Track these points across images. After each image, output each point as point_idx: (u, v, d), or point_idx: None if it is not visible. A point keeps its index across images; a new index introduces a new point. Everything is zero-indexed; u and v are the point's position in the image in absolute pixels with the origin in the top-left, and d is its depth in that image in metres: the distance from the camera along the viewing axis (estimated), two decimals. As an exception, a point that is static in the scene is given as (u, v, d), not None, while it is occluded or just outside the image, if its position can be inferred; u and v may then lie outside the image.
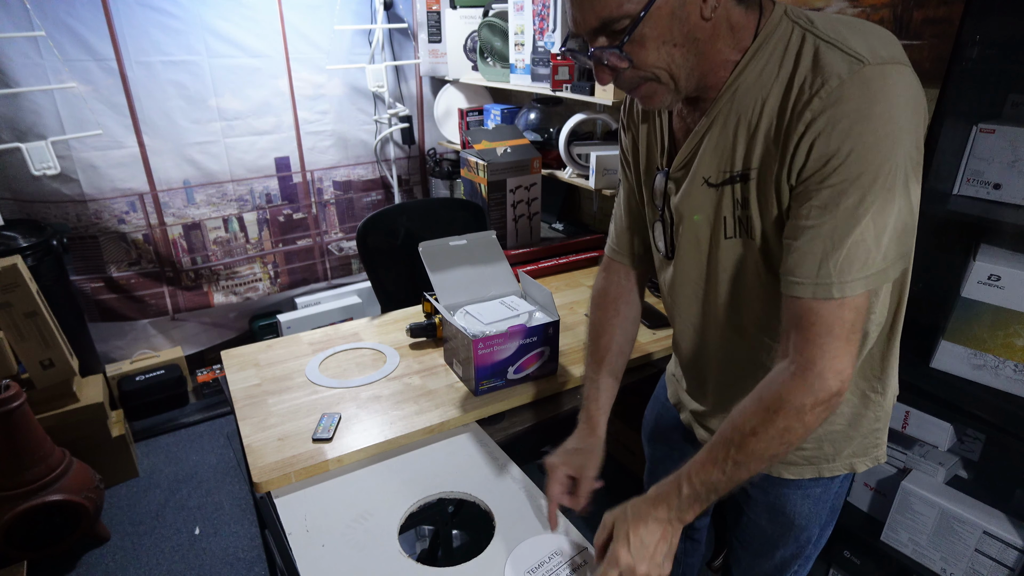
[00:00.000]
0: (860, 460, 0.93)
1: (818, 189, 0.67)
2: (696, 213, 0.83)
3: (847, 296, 0.68)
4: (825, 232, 0.67)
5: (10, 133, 2.20)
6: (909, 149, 0.66)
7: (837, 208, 0.66)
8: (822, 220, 0.67)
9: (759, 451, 0.73)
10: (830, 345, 0.69)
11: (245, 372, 1.41)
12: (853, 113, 0.64)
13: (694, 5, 0.68)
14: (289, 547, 0.94)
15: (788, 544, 1.02)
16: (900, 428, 1.33)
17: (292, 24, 2.58)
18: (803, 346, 0.71)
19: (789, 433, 0.72)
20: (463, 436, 1.21)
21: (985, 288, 1.17)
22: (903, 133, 0.64)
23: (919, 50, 1.31)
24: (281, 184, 2.79)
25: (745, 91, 0.73)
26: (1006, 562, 1.22)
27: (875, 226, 0.66)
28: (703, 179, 0.80)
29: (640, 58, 0.71)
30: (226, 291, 2.79)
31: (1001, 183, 1.15)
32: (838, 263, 0.67)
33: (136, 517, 2.15)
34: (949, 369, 1.25)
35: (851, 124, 0.64)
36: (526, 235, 2.15)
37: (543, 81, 2.05)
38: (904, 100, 0.64)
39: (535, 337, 1.29)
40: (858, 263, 0.67)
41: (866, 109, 0.63)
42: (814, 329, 0.70)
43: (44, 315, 1.95)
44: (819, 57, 0.66)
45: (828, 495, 0.97)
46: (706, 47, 0.72)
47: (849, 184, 0.65)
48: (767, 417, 0.72)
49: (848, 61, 0.64)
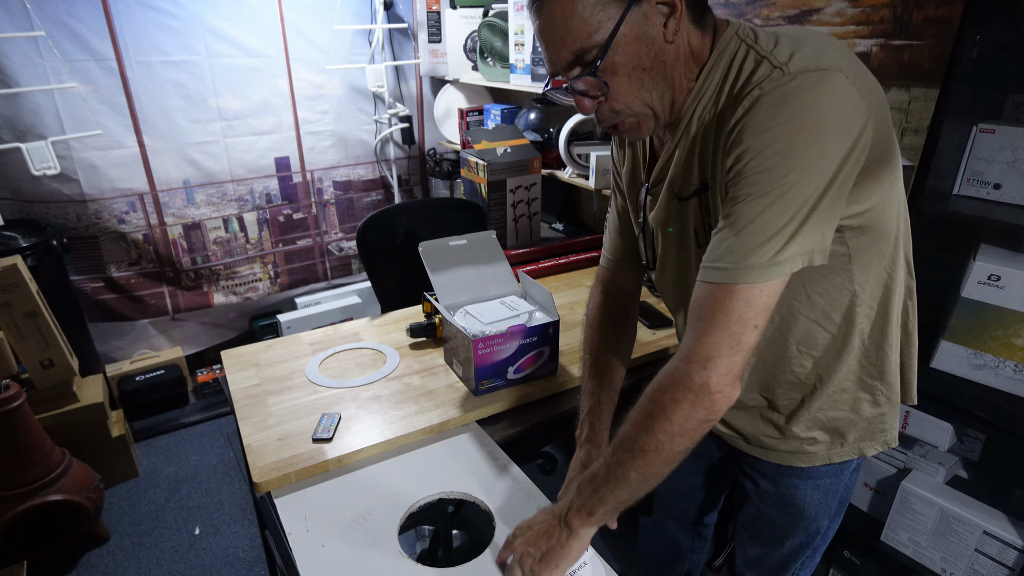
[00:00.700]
0: (868, 444, 0.94)
1: (733, 183, 0.71)
2: (670, 226, 0.87)
3: (737, 283, 0.69)
4: (731, 220, 0.70)
5: (10, 133, 2.20)
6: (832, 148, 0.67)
7: (745, 199, 0.69)
8: (732, 210, 0.70)
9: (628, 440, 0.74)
10: (706, 332, 0.70)
11: (245, 372, 1.41)
12: (763, 115, 0.67)
13: (657, 29, 0.72)
14: (289, 547, 0.94)
15: (797, 534, 1.03)
16: (900, 428, 1.33)
17: (292, 24, 2.58)
18: (687, 333, 0.72)
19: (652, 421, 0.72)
20: (463, 436, 1.21)
21: (985, 288, 1.17)
22: (822, 131, 0.66)
23: (919, 50, 1.31)
24: (281, 184, 2.79)
25: (702, 109, 0.77)
26: (1006, 562, 1.22)
27: (783, 216, 0.67)
28: (674, 194, 0.85)
29: (614, 84, 0.75)
30: (226, 291, 2.79)
31: (1001, 183, 1.15)
32: (738, 250, 0.69)
33: (136, 517, 2.15)
34: (949, 369, 1.25)
35: (762, 122, 0.67)
36: (526, 235, 2.15)
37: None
38: (824, 102, 0.66)
39: (535, 337, 1.29)
40: (756, 251, 0.68)
41: (777, 110, 0.66)
42: (698, 313, 0.71)
43: (44, 315, 1.95)
44: (753, 71, 0.70)
45: (838, 486, 0.98)
46: (672, 70, 0.76)
47: (759, 176, 0.68)
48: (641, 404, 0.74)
49: (770, 70, 0.68)
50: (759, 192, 0.68)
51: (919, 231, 0.77)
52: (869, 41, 1.38)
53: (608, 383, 1.04)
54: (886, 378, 0.90)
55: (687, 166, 0.81)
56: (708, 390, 0.70)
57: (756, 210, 0.68)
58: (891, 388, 0.91)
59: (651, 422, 0.72)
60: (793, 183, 0.66)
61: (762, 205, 0.68)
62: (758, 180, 0.68)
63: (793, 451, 0.94)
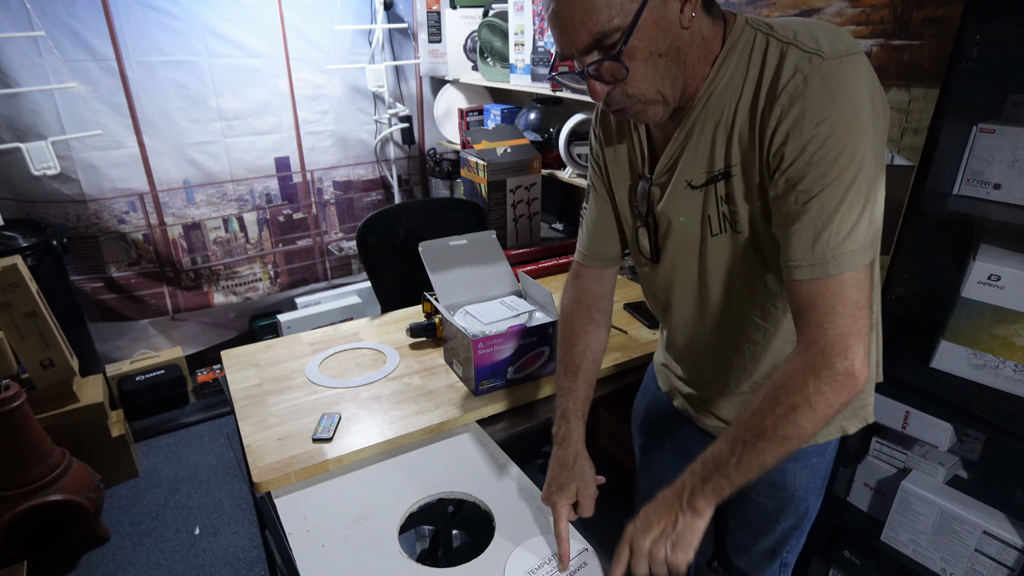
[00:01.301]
0: (850, 422, 0.97)
1: (800, 176, 0.71)
2: (682, 215, 0.87)
3: (844, 272, 0.71)
4: (813, 214, 0.71)
5: (10, 133, 2.20)
6: (875, 129, 0.70)
7: (821, 190, 0.70)
8: (808, 204, 0.71)
9: (766, 429, 0.74)
10: (833, 324, 0.71)
11: (245, 372, 1.41)
12: (819, 102, 0.69)
13: (674, 15, 0.73)
14: (289, 547, 0.94)
15: (788, 516, 1.06)
16: (900, 428, 1.33)
17: (292, 24, 2.58)
18: (807, 328, 0.73)
19: (795, 412, 0.72)
20: (463, 436, 1.21)
21: (985, 288, 1.17)
22: (867, 115, 0.69)
23: (919, 50, 1.31)
24: (281, 184, 2.79)
25: (718, 97, 0.78)
26: (1006, 562, 1.22)
27: (858, 202, 0.70)
28: (686, 182, 0.84)
29: (632, 69, 0.74)
30: (226, 291, 2.79)
31: (1001, 183, 1.15)
32: (829, 241, 0.70)
33: (136, 517, 2.15)
34: (949, 369, 1.25)
35: (819, 111, 0.69)
36: (526, 235, 2.15)
37: (543, 81, 2.05)
38: (863, 86, 0.69)
39: (535, 337, 1.29)
40: (848, 239, 0.70)
41: (830, 97, 0.68)
42: (817, 310, 0.72)
43: (44, 315, 1.95)
44: (783, 57, 0.72)
45: (823, 465, 1.02)
46: (686, 56, 0.76)
47: (829, 166, 0.69)
48: (775, 396, 0.74)
49: (808, 57, 0.70)
50: (833, 182, 0.69)
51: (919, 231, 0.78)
52: (869, 41, 1.38)
53: (585, 378, 1.03)
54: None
55: (701, 155, 0.81)
56: (853, 375, 0.71)
57: (835, 201, 0.70)
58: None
59: (794, 413, 0.72)
60: (859, 167, 0.69)
61: (839, 195, 0.70)
62: (828, 171, 0.69)
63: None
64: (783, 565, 1.17)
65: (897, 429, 1.33)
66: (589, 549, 0.94)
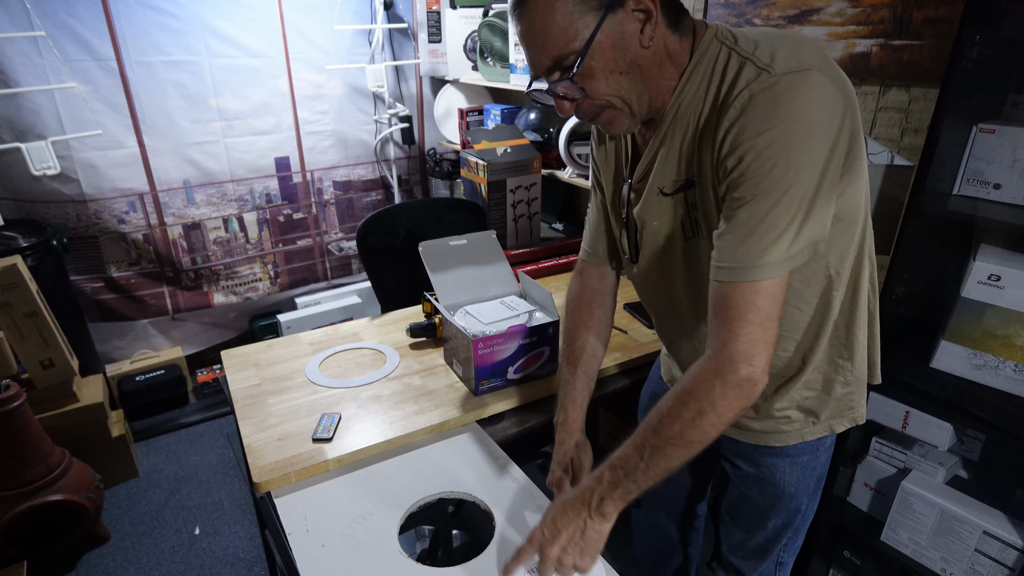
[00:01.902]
0: (838, 422, 0.99)
1: (737, 184, 0.74)
2: (655, 220, 0.91)
3: (760, 280, 0.73)
4: (741, 220, 0.74)
5: (10, 133, 2.20)
6: (823, 145, 0.71)
7: (752, 199, 0.73)
8: (739, 210, 0.74)
9: (673, 435, 0.77)
10: (743, 330, 0.74)
11: (245, 372, 1.41)
12: (760, 116, 0.71)
13: (633, 37, 0.76)
14: (289, 547, 0.95)
15: (779, 514, 1.07)
16: (900, 428, 1.33)
17: (292, 24, 2.58)
18: (718, 330, 0.76)
19: (701, 417, 0.75)
20: (463, 436, 1.21)
21: (985, 288, 1.17)
22: (814, 131, 0.71)
23: (919, 50, 1.31)
24: (281, 184, 2.79)
25: (685, 109, 0.81)
26: (1006, 562, 1.22)
27: (786, 214, 0.72)
28: (658, 189, 0.88)
29: (592, 87, 0.78)
30: (226, 291, 2.79)
31: (1001, 183, 1.15)
32: (751, 248, 0.73)
33: (136, 517, 2.15)
34: (949, 369, 1.25)
35: (760, 124, 0.71)
36: (526, 235, 2.15)
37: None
38: (811, 101, 0.70)
39: (535, 337, 1.29)
40: (770, 248, 0.72)
41: (771, 112, 0.70)
42: (728, 313, 0.75)
43: (44, 315, 1.95)
44: (739, 72, 0.74)
45: (815, 463, 1.03)
46: (649, 73, 0.79)
47: (762, 177, 0.72)
48: (682, 400, 0.77)
49: (757, 72, 0.72)
50: (764, 192, 0.72)
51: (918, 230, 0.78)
52: (869, 41, 1.38)
53: (584, 371, 1.07)
54: (855, 358, 0.94)
55: (671, 163, 0.85)
56: (754, 382, 0.75)
57: (764, 210, 0.72)
58: (859, 368, 0.96)
59: (699, 418, 0.75)
60: (792, 181, 0.71)
61: (768, 205, 0.72)
62: (761, 181, 0.72)
63: (769, 431, 0.99)
64: (779, 564, 1.17)
65: (897, 429, 1.33)
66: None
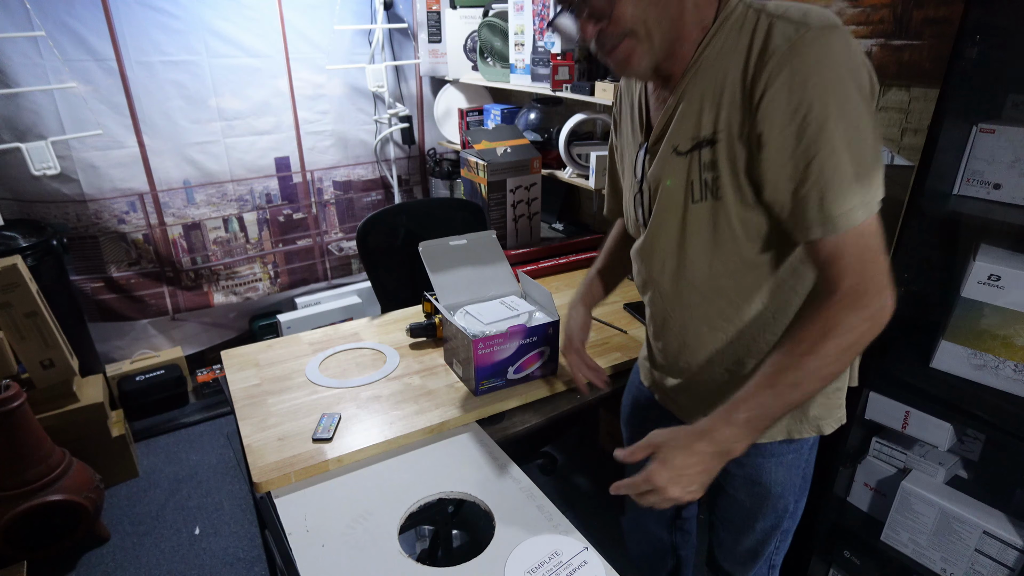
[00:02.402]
0: (825, 422, 0.99)
1: (796, 141, 0.74)
2: (668, 179, 0.90)
3: (870, 218, 0.75)
4: (814, 176, 0.74)
5: (10, 133, 2.20)
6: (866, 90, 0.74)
7: (818, 152, 0.73)
8: (809, 167, 0.74)
9: (817, 369, 0.77)
10: (865, 270, 0.75)
11: (245, 372, 1.41)
12: (807, 67, 0.72)
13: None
14: (289, 547, 0.94)
15: (767, 515, 1.07)
16: (900, 428, 1.33)
17: (292, 24, 2.58)
18: (842, 278, 0.76)
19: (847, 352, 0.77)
20: (463, 436, 1.21)
21: (985, 288, 1.17)
22: (853, 76, 0.73)
23: (919, 50, 1.31)
24: (281, 184, 2.79)
25: (708, 67, 0.82)
26: (1006, 562, 1.22)
27: (856, 157, 0.73)
28: (673, 148, 0.88)
29: (620, 8, 0.79)
30: (226, 291, 2.79)
31: (1001, 183, 1.15)
32: (836, 198, 0.74)
33: (136, 517, 2.15)
34: (949, 369, 1.25)
35: (807, 75, 0.72)
36: (526, 235, 2.15)
37: (543, 81, 2.05)
38: (852, 52, 0.73)
39: (535, 337, 1.29)
40: (852, 193, 0.73)
41: (815, 61, 0.72)
42: (845, 260, 0.76)
43: (44, 315, 1.95)
44: (771, 29, 0.75)
45: (800, 462, 1.03)
46: (678, 11, 0.80)
47: (820, 128, 0.72)
48: (824, 337, 0.76)
49: (795, 27, 0.73)
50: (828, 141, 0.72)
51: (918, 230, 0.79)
52: (869, 41, 1.38)
53: (610, 273, 1.25)
54: None
55: (689, 120, 0.85)
56: (886, 312, 0.77)
57: (835, 158, 0.73)
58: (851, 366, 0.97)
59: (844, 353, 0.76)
60: (856, 123, 0.72)
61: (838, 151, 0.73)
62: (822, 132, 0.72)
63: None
64: (771, 567, 1.17)
65: (897, 429, 1.33)
66: (589, 548, 0.94)
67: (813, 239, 0.77)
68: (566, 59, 1.94)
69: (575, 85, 1.93)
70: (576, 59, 1.96)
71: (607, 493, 0.92)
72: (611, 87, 1.77)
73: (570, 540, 0.95)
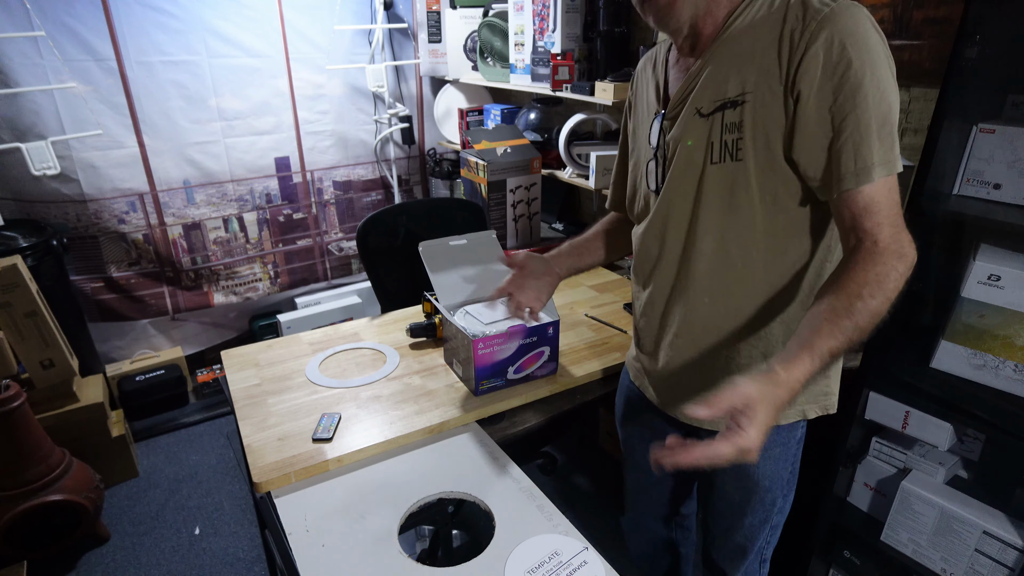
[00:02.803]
0: (810, 407, 1.01)
1: (834, 97, 0.79)
2: (690, 139, 0.92)
3: (890, 175, 0.80)
4: (849, 129, 0.79)
5: (10, 133, 2.20)
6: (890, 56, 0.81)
7: (854, 108, 0.78)
8: (845, 121, 0.79)
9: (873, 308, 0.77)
10: (899, 222, 0.80)
11: (245, 372, 1.41)
12: (843, 31, 0.78)
13: None
14: (289, 547, 0.95)
15: (756, 510, 1.08)
16: (900, 428, 1.33)
17: (292, 24, 2.58)
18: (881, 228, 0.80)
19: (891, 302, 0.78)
20: (463, 436, 1.21)
21: (985, 288, 1.17)
22: (883, 46, 0.80)
23: (919, 50, 1.31)
24: (281, 184, 2.79)
25: (738, 35, 0.86)
26: (1006, 562, 1.22)
27: (886, 117, 0.79)
28: (696, 110, 0.90)
29: None
30: (226, 291, 2.79)
31: (1001, 183, 1.15)
32: (871, 151, 0.79)
33: (136, 517, 2.15)
34: (949, 369, 1.25)
35: (845, 38, 0.77)
36: (526, 235, 2.15)
37: (543, 81, 2.05)
38: (875, 27, 0.80)
39: (535, 337, 1.29)
40: (882, 147, 0.79)
41: (853, 27, 0.78)
42: (881, 211, 0.80)
43: (44, 315, 1.95)
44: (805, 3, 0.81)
45: (787, 455, 1.05)
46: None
47: (857, 86, 0.78)
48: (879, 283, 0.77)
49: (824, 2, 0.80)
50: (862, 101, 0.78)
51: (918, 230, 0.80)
52: (869, 41, 1.38)
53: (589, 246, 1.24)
54: None
55: (716, 82, 0.87)
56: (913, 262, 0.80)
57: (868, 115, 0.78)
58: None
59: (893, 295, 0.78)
60: (886, 85, 0.79)
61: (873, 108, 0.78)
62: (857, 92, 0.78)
63: None
64: (762, 561, 1.19)
65: (897, 429, 1.33)
66: (589, 548, 0.94)
67: (847, 189, 0.80)
68: (566, 59, 1.94)
69: (575, 85, 1.93)
70: (576, 59, 1.96)
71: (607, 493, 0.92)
72: (611, 87, 1.78)
73: (570, 540, 0.95)
